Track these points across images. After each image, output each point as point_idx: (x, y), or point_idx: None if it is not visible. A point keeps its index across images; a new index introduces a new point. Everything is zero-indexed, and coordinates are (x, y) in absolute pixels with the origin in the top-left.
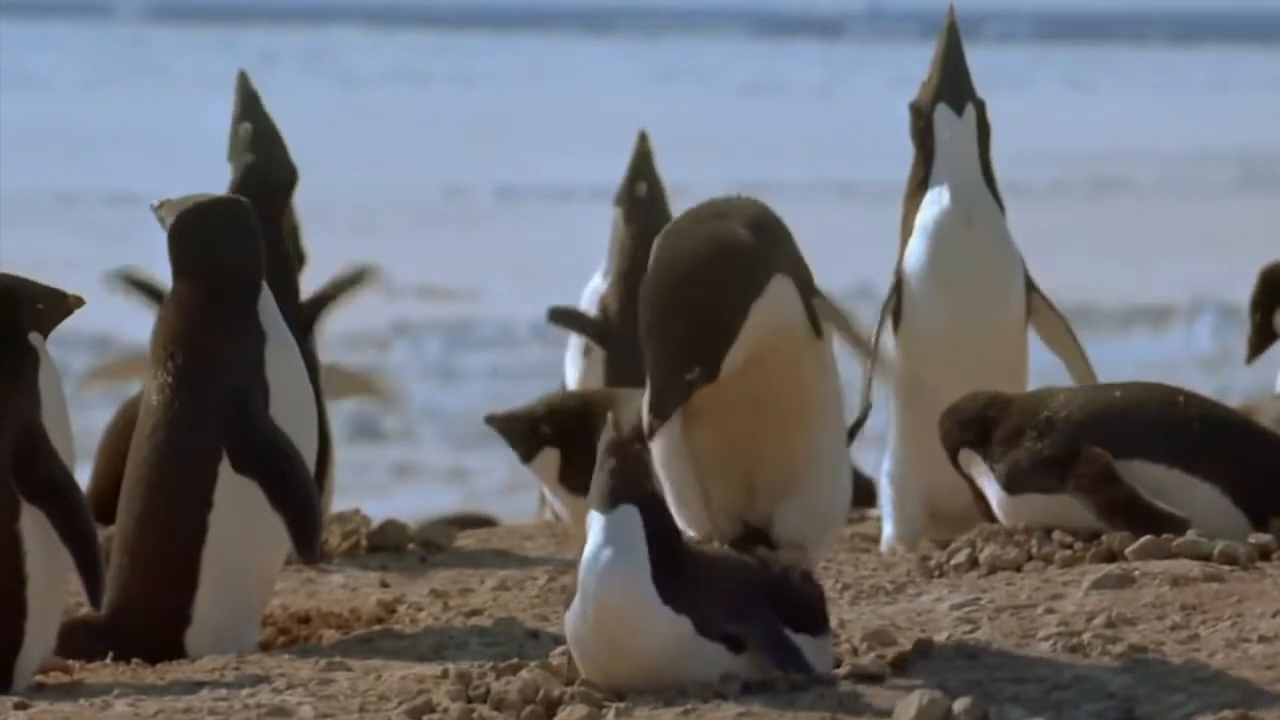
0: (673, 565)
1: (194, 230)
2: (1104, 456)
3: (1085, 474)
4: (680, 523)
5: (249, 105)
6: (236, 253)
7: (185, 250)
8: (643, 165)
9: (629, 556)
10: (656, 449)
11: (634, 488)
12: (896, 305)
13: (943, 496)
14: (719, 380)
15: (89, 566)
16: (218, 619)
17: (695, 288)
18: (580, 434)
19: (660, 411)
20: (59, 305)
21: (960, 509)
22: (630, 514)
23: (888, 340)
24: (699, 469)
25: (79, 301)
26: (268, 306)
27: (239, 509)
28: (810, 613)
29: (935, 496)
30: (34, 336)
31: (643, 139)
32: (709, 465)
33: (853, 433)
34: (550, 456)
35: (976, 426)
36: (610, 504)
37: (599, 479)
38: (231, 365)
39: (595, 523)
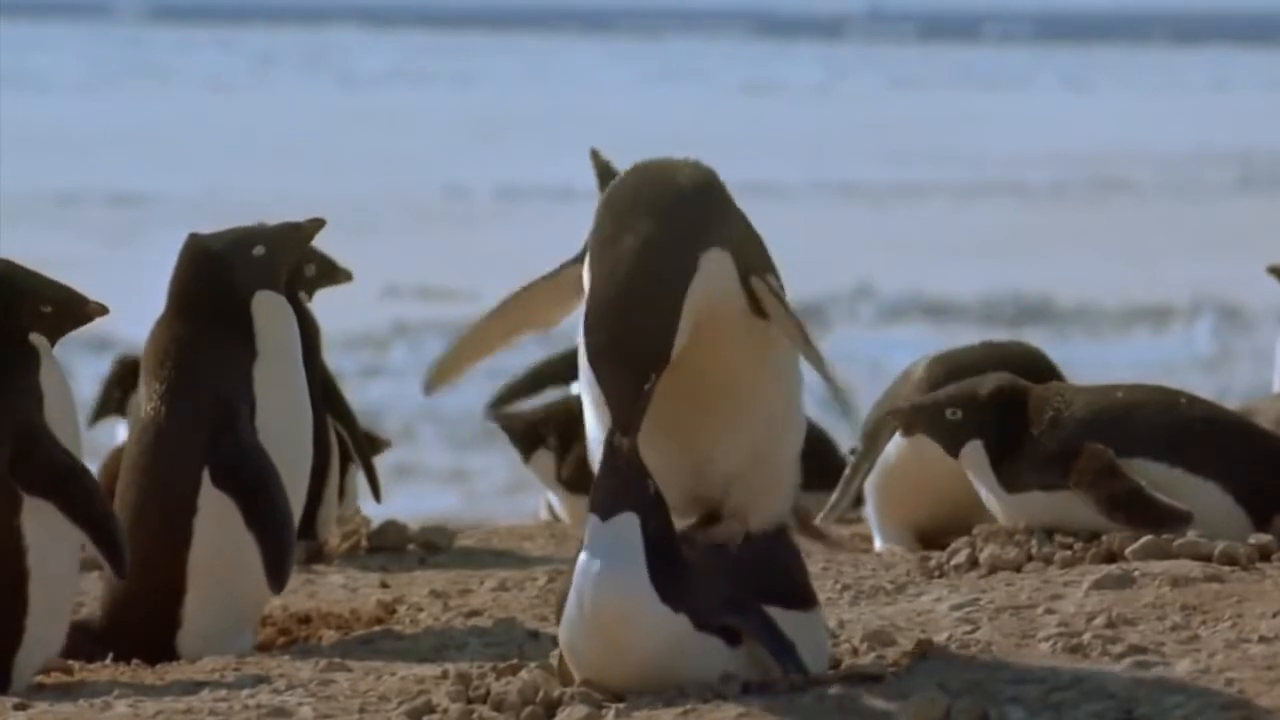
0: (670, 565)
1: (190, 263)
2: (1106, 452)
3: (1087, 469)
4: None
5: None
6: (229, 283)
7: (179, 281)
8: (606, 181)
9: (626, 560)
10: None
11: (633, 494)
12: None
13: (924, 521)
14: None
15: (107, 543)
16: (208, 622)
17: (630, 300)
18: (576, 436)
19: (628, 426)
20: (75, 310)
21: (945, 523)
22: (629, 521)
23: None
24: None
25: (101, 310)
26: (270, 328)
27: (223, 515)
28: (796, 588)
29: (919, 521)
30: (36, 337)
31: (594, 156)
32: (655, 454)
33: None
34: (546, 457)
35: (984, 422)
36: (609, 511)
37: (598, 485)
38: (218, 378)
39: (593, 529)
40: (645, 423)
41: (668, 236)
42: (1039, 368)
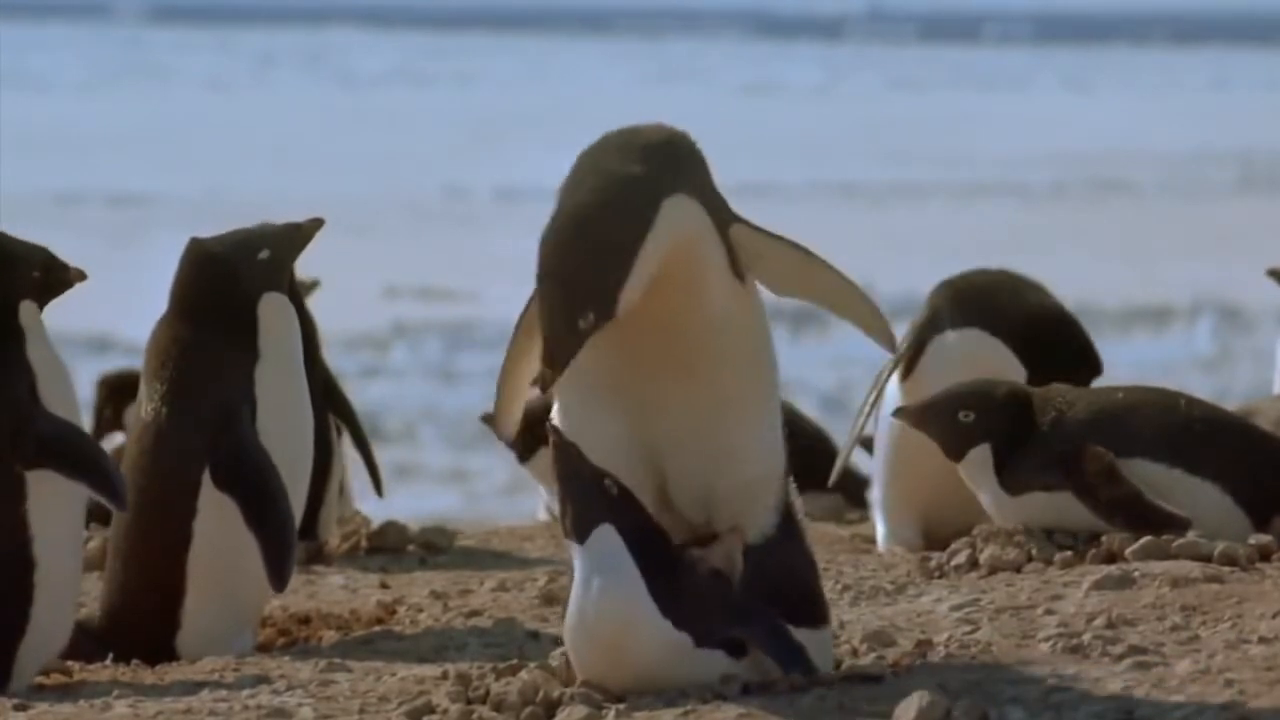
0: (666, 573)
1: (194, 267)
2: (1106, 455)
3: (1088, 471)
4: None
5: None
6: (236, 287)
7: (185, 286)
8: None
9: (620, 578)
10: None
11: (597, 504)
12: (912, 357)
13: (932, 501)
14: (618, 321)
15: (106, 489)
16: (208, 623)
17: (582, 232)
18: None
19: (555, 362)
20: (61, 274)
21: (952, 502)
22: (608, 534)
23: (891, 388)
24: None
25: (80, 275)
26: (274, 330)
27: (224, 516)
28: (807, 603)
29: (927, 500)
30: (26, 307)
31: None
32: (610, 443)
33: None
34: (546, 456)
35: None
36: (583, 531)
37: (563, 509)
38: (220, 379)
39: (576, 554)
40: (594, 400)
41: (628, 178)
42: (1027, 285)
